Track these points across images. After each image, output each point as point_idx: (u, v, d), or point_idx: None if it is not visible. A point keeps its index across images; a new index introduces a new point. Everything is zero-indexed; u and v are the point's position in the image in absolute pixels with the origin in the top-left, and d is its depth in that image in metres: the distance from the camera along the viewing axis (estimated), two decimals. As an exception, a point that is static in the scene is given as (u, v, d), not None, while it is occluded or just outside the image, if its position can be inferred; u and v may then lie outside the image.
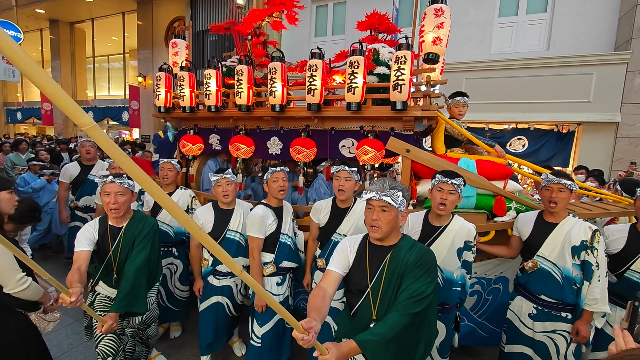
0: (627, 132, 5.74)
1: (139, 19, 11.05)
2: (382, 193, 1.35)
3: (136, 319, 2.11)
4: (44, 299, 1.77)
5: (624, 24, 5.73)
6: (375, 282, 1.41)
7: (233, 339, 2.66)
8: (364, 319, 1.42)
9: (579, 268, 1.91)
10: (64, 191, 3.65)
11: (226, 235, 2.33)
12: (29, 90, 16.22)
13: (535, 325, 2.01)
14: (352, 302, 1.50)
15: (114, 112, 12.55)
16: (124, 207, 1.93)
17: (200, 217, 2.34)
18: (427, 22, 2.39)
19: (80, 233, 1.89)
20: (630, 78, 5.62)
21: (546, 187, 1.98)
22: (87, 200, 3.64)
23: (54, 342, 2.63)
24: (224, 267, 2.33)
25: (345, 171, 2.12)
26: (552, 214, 1.99)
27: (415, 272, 1.35)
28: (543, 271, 1.98)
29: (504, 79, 6.27)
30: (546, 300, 1.97)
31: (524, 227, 2.13)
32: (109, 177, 1.89)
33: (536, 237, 2.04)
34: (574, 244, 1.89)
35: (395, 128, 2.49)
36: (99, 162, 3.74)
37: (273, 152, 2.92)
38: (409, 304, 1.30)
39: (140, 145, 8.27)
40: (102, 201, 1.91)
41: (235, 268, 0.90)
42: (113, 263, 1.95)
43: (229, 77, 3.23)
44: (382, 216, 1.38)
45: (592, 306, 1.85)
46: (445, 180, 1.87)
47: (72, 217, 3.71)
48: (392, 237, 1.45)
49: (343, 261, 1.50)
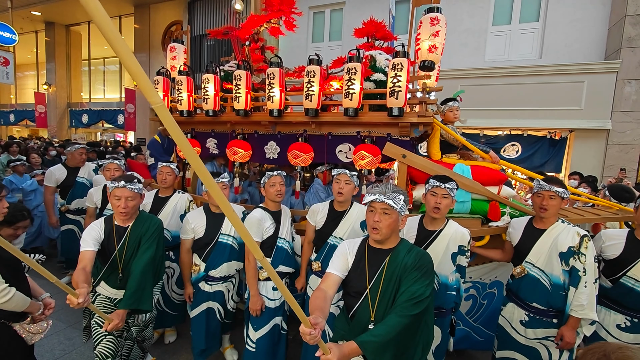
0: (617, 139, 5.86)
1: (136, 22, 11.06)
2: (384, 196, 1.40)
3: (141, 317, 2.12)
4: (31, 308, 1.70)
5: (613, 34, 5.88)
6: (374, 284, 1.43)
7: (225, 345, 2.62)
8: (363, 321, 1.44)
9: (567, 274, 1.89)
10: (50, 195, 3.60)
11: (219, 239, 2.32)
12: (22, 92, 16.07)
13: (527, 332, 2.00)
14: (350, 304, 1.52)
15: (109, 115, 12.47)
16: (132, 211, 1.96)
17: (191, 221, 2.33)
18: (423, 30, 2.43)
19: (86, 232, 1.89)
20: (620, 86, 5.75)
21: (537, 194, 1.98)
22: (78, 203, 3.60)
23: (46, 348, 2.59)
24: (217, 273, 2.32)
25: (346, 174, 2.15)
26: (542, 219, 1.98)
27: (413, 275, 1.37)
28: (532, 278, 1.97)
29: (498, 86, 6.38)
30: (537, 307, 1.96)
31: (514, 232, 2.14)
32: (121, 181, 1.90)
33: (525, 243, 2.04)
34: (561, 250, 1.88)
35: (391, 134, 2.52)
36: (86, 165, 3.71)
37: (270, 157, 2.93)
38: (408, 306, 1.32)
39: (136, 148, 8.22)
40: (111, 204, 1.93)
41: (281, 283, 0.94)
42: (119, 262, 1.97)
43: (227, 81, 3.24)
44: (384, 218, 1.41)
45: (578, 312, 1.82)
46: (438, 184, 1.91)
47: (64, 221, 3.66)
48: (392, 240, 1.48)
49: (342, 264, 1.52)
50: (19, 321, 1.71)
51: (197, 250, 2.36)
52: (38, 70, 14.63)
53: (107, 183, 2.24)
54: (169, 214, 2.64)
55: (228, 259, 2.33)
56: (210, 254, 2.33)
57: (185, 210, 2.70)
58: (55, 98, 13.16)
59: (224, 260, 2.32)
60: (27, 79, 16.22)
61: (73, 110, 13.44)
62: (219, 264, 2.31)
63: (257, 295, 2.13)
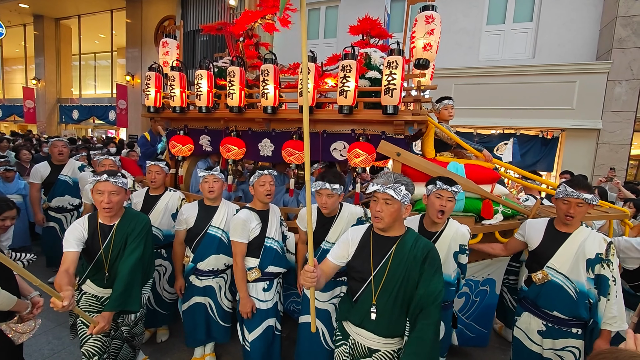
0: (607, 139, 5.95)
1: (128, 16, 10.86)
2: (386, 186, 1.41)
3: (130, 316, 2.08)
4: (18, 307, 1.66)
5: (605, 35, 5.96)
6: (379, 271, 1.47)
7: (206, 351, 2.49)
8: (365, 305, 1.48)
9: (592, 282, 1.79)
10: (36, 192, 3.53)
11: (208, 231, 2.32)
12: (10, 87, 15.72)
13: (545, 342, 1.90)
14: (354, 289, 1.56)
15: (100, 110, 12.27)
16: (117, 207, 1.87)
17: (185, 212, 2.37)
18: (418, 28, 2.43)
19: (68, 232, 1.80)
20: (611, 87, 5.84)
21: (563, 200, 1.82)
22: (59, 201, 3.54)
23: (34, 347, 2.54)
24: (205, 266, 2.32)
25: (327, 189, 1.99)
26: (566, 224, 1.86)
27: (428, 271, 1.41)
28: (554, 285, 1.85)
29: (491, 85, 6.43)
30: (558, 316, 1.85)
31: (532, 234, 1.99)
32: (103, 175, 1.80)
33: (547, 246, 1.90)
34: (588, 256, 1.77)
35: (386, 132, 2.51)
36: (70, 162, 3.63)
37: (264, 154, 2.90)
38: (434, 311, 1.38)
39: (128, 145, 8.10)
40: (94, 200, 1.83)
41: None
42: (104, 262, 1.88)
43: (220, 78, 3.20)
44: (385, 208, 1.43)
45: (612, 325, 1.73)
46: (445, 187, 1.85)
47: (46, 218, 3.60)
48: (396, 229, 1.50)
49: (342, 253, 1.58)
50: (6, 320, 1.67)
51: (188, 241, 2.40)
52: (26, 65, 14.31)
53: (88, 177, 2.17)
54: (160, 212, 2.60)
55: (216, 252, 2.32)
56: (199, 244, 2.33)
57: (177, 208, 2.66)
58: (44, 93, 12.88)
59: (212, 252, 2.32)
60: (15, 73, 15.86)
61: (63, 106, 13.17)
62: (206, 256, 2.31)
63: (246, 298, 2.11)
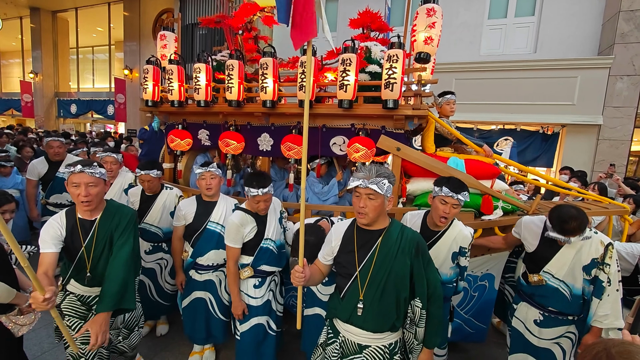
0: (608, 135, 5.93)
1: (126, 10, 10.74)
2: (368, 181, 1.38)
3: (118, 318, 1.96)
4: (17, 300, 1.65)
5: (607, 29, 5.90)
6: (365, 266, 1.45)
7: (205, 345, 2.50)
8: (352, 300, 1.47)
9: (589, 283, 1.84)
10: (32, 189, 3.53)
11: (207, 227, 2.32)
12: (7, 80, 15.60)
13: (542, 332, 1.95)
14: (341, 286, 1.54)
15: (98, 105, 12.19)
16: (97, 200, 1.71)
17: (183, 208, 2.37)
18: (419, 21, 2.39)
19: (43, 231, 1.66)
20: (612, 82, 5.80)
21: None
22: (57, 198, 3.52)
23: (34, 341, 2.55)
24: (205, 260, 2.31)
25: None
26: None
27: (424, 262, 1.45)
28: (550, 287, 1.89)
29: (492, 80, 6.38)
30: (552, 310, 1.92)
31: (528, 237, 2.00)
32: (77, 166, 1.64)
33: (543, 252, 1.92)
34: (584, 263, 1.80)
35: (386, 126, 2.49)
36: (68, 157, 3.60)
37: (263, 149, 2.89)
38: (438, 296, 1.49)
39: (127, 139, 8.07)
40: (70, 193, 1.67)
41: None
42: (86, 260, 1.74)
43: (219, 71, 3.17)
44: (369, 203, 1.40)
45: (602, 322, 1.77)
46: (451, 194, 1.80)
47: (45, 212, 3.60)
48: (380, 222, 1.48)
49: (327, 250, 1.59)
50: (6, 313, 1.68)
51: (187, 237, 2.39)
52: (23, 58, 14.18)
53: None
54: (159, 211, 2.59)
55: (216, 247, 2.32)
56: (198, 240, 2.33)
57: (175, 206, 2.64)
58: (42, 87, 12.78)
59: (212, 248, 2.31)
60: (12, 66, 15.72)
61: (61, 100, 13.08)
62: (206, 251, 2.31)
63: (238, 301, 2.11)
